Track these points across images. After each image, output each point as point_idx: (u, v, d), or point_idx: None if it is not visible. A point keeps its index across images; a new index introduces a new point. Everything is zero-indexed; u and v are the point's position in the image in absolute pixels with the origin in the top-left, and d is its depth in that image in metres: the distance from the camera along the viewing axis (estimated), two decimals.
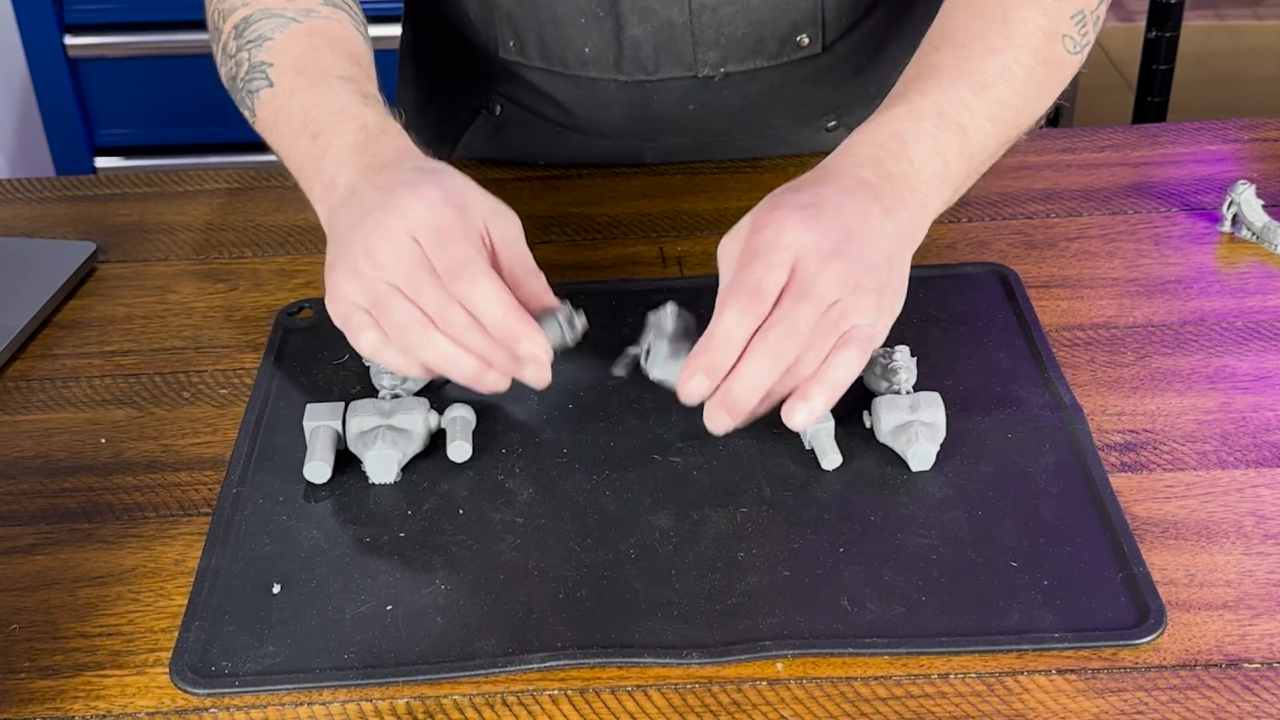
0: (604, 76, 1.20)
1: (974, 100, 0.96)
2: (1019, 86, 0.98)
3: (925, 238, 1.14)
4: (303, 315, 1.10)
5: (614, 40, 1.17)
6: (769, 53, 1.19)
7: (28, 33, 2.53)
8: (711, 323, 0.86)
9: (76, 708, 0.80)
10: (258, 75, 1.03)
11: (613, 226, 1.19)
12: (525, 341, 0.88)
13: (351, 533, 0.90)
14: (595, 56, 1.18)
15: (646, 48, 1.17)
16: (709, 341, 0.86)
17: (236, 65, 1.06)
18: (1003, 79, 0.98)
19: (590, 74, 1.20)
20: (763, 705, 0.78)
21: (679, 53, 1.18)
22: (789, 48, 1.20)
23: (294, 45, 1.03)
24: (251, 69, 1.04)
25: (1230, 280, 1.10)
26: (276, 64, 1.03)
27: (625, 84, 1.20)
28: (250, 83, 1.04)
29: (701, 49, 1.17)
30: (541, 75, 1.22)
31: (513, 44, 1.21)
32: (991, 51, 0.98)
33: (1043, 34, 1.00)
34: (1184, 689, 0.78)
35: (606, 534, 0.88)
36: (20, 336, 1.09)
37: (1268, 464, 0.92)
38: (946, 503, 0.89)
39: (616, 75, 1.19)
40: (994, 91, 0.97)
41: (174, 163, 2.63)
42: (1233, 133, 1.29)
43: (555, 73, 1.21)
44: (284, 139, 1.01)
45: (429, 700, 0.80)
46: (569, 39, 1.18)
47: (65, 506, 0.94)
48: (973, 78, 0.97)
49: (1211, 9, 2.53)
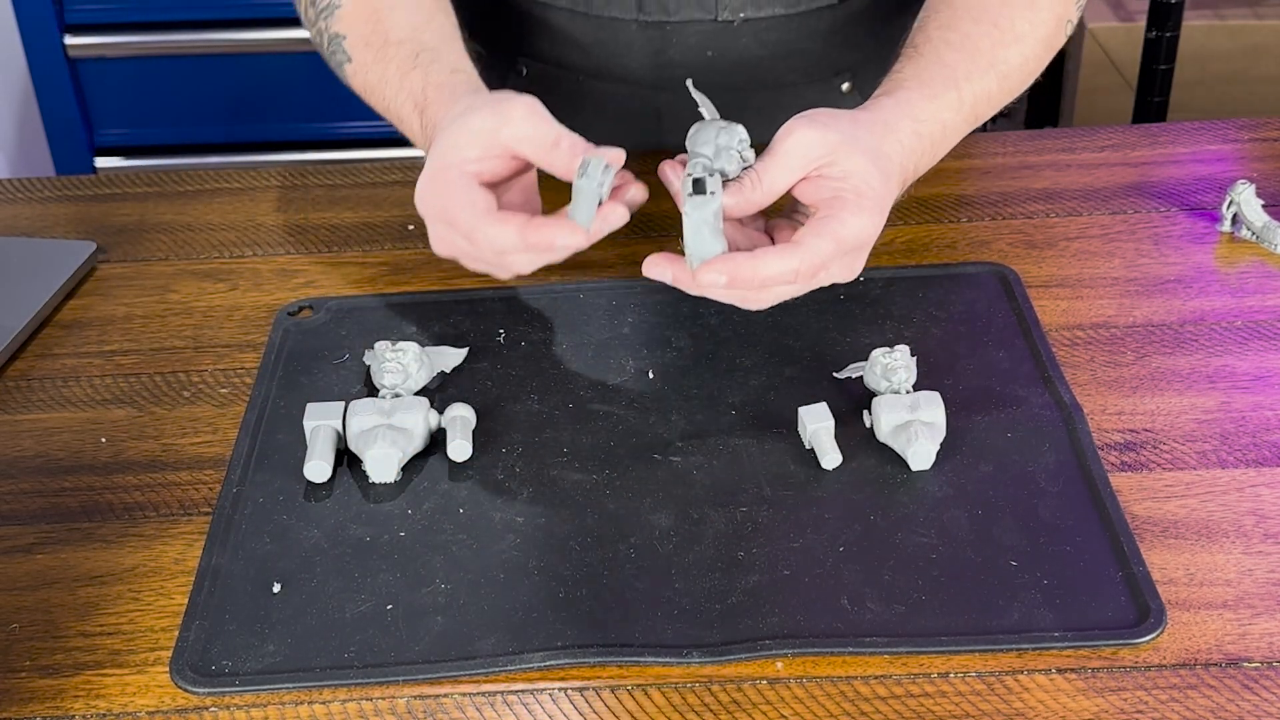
0: (625, 17, 1.22)
1: (996, 92, 1.03)
2: (1026, 75, 1.05)
3: (925, 237, 1.14)
4: (303, 315, 1.10)
5: None
6: (788, 0, 1.20)
7: (28, 33, 2.53)
8: (768, 258, 0.89)
9: (77, 707, 0.80)
10: (337, 49, 1.09)
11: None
12: (558, 242, 0.92)
13: (351, 533, 0.90)
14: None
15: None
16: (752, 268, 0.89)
17: (319, 35, 1.11)
18: (1019, 70, 1.04)
19: (612, 13, 1.22)
20: (763, 704, 0.78)
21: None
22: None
23: (360, 11, 1.08)
24: (330, 41, 1.09)
25: (1230, 280, 1.10)
26: (349, 36, 1.07)
27: (645, 25, 1.22)
28: (333, 56, 1.09)
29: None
30: (566, 17, 1.24)
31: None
32: (1017, 39, 1.03)
33: (1056, 20, 1.06)
34: (1184, 688, 0.78)
35: (606, 533, 0.88)
36: (20, 336, 1.09)
37: (1267, 464, 0.92)
38: (946, 502, 0.89)
39: (638, 15, 1.21)
40: (1009, 82, 1.03)
41: (174, 163, 2.63)
42: (1233, 133, 1.29)
43: (579, 13, 1.23)
44: (380, 112, 1.07)
45: (429, 699, 0.80)
46: None
47: (65, 506, 0.94)
48: (1000, 67, 1.02)
49: (1211, 9, 2.52)
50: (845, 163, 0.91)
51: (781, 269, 0.89)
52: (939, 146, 1.00)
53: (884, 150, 0.94)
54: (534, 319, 1.07)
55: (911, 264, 1.12)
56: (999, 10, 1.03)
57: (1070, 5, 1.07)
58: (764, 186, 0.91)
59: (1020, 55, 1.03)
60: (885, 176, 0.93)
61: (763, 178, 0.91)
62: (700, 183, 0.89)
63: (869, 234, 0.91)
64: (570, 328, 1.06)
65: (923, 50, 1.02)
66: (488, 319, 1.07)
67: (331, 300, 1.11)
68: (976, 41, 1.02)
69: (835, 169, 0.91)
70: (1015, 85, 1.04)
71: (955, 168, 1.24)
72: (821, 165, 0.91)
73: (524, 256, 0.94)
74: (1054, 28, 1.06)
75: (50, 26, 2.53)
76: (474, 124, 0.93)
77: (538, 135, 0.93)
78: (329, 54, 1.10)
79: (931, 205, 1.19)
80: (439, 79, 1.00)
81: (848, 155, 0.91)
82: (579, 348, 1.04)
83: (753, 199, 0.91)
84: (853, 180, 0.91)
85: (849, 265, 0.93)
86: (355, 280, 1.14)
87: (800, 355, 1.01)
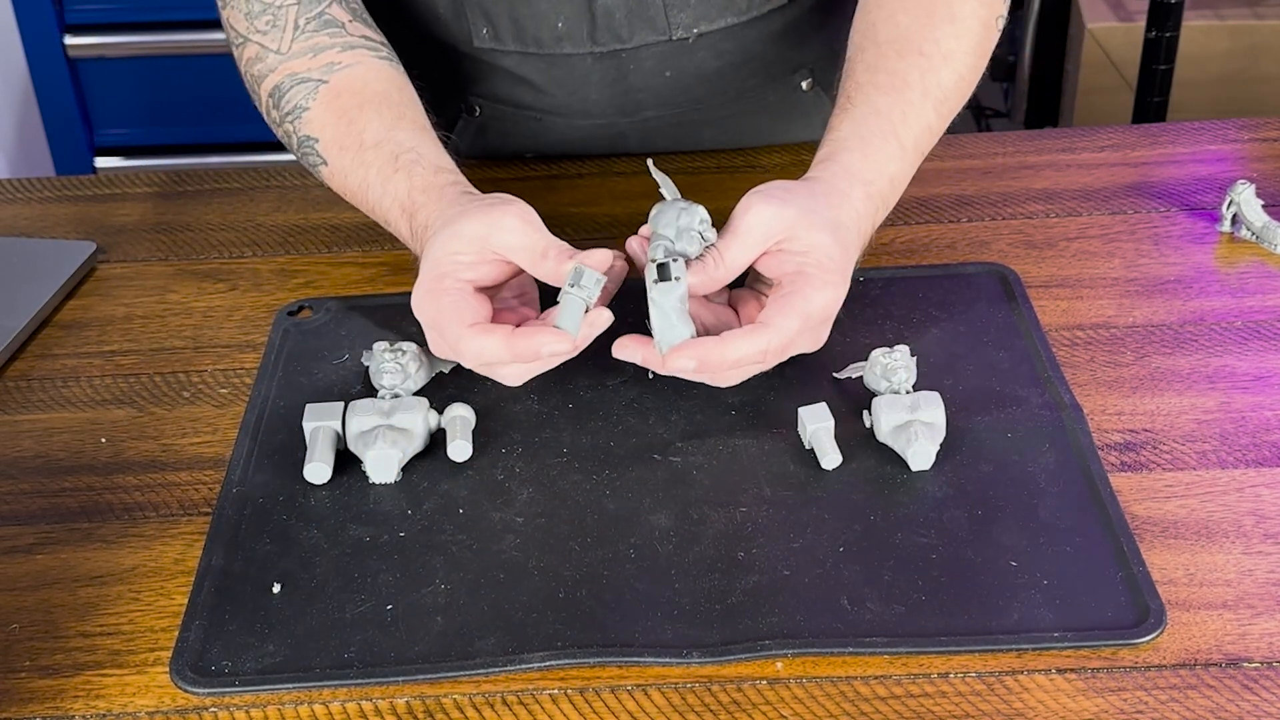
0: (579, 51, 1.21)
1: (935, 122, 1.03)
2: (963, 90, 1.05)
3: (925, 237, 1.14)
4: (303, 315, 1.10)
5: (586, 11, 1.18)
6: (739, 8, 1.21)
7: (28, 33, 2.53)
8: (736, 341, 0.91)
9: (77, 707, 0.80)
10: (309, 151, 1.08)
11: (613, 226, 1.20)
12: (544, 351, 0.92)
13: (351, 533, 0.90)
14: (569, 31, 1.19)
15: (619, 15, 1.18)
16: (720, 352, 0.91)
17: (286, 136, 1.10)
18: (954, 90, 1.04)
19: (565, 50, 1.21)
20: (763, 705, 0.78)
21: (651, 16, 1.19)
22: (758, 2, 1.20)
23: (328, 115, 1.06)
24: (301, 144, 1.08)
25: (1230, 280, 1.10)
26: (320, 139, 1.06)
27: (601, 56, 1.21)
28: (306, 157, 1.09)
29: (673, 10, 1.19)
30: (517, 60, 1.23)
31: (486, 31, 1.21)
32: (945, 59, 1.03)
33: (982, 25, 1.05)
34: (1184, 688, 0.78)
35: (606, 534, 0.88)
36: (20, 336, 1.09)
37: (1267, 464, 0.92)
38: (946, 502, 0.89)
39: (592, 48, 1.20)
40: (948, 105, 1.04)
41: (174, 163, 2.63)
42: (1233, 133, 1.29)
43: (530, 54, 1.22)
44: (366, 212, 1.07)
45: (429, 700, 0.80)
46: (542, 16, 1.19)
47: (65, 506, 0.94)
48: (934, 94, 1.02)
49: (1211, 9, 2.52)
50: (805, 237, 0.93)
51: (749, 350, 0.91)
52: (889, 199, 1.01)
53: (841, 220, 0.96)
54: None
55: (911, 264, 1.12)
56: (921, 36, 1.03)
57: (997, 2, 1.06)
58: (726, 263, 0.94)
59: (953, 74, 1.03)
60: (844, 247, 0.95)
61: (724, 255, 0.94)
62: (665, 268, 0.92)
63: (833, 306, 0.94)
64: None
65: (855, 100, 1.02)
66: None
67: (331, 300, 1.11)
68: (905, 77, 1.02)
69: (796, 244, 0.93)
70: (955, 104, 1.04)
71: (955, 168, 1.24)
72: (782, 240, 0.93)
73: (513, 368, 0.95)
74: (981, 33, 1.05)
75: (50, 26, 2.53)
76: (467, 230, 0.94)
77: (528, 244, 0.94)
78: (301, 155, 1.09)
79: (931, 205, 1.19)
80: (423, 182, 1.00)
81: (807, 230, 0.93)
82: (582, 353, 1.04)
83: (715, 276, 0.94)
84: (814, 255, 0.93)
85: (815, 337, 0.95)
86: (355, 280, 1.14)
87: (800, 355, 1.01)
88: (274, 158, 2.56)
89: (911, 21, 1.04)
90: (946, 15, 1.04)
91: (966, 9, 1.04)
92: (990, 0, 1.06)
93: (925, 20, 1.04)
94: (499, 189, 0.98)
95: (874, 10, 1.06)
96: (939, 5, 1.04)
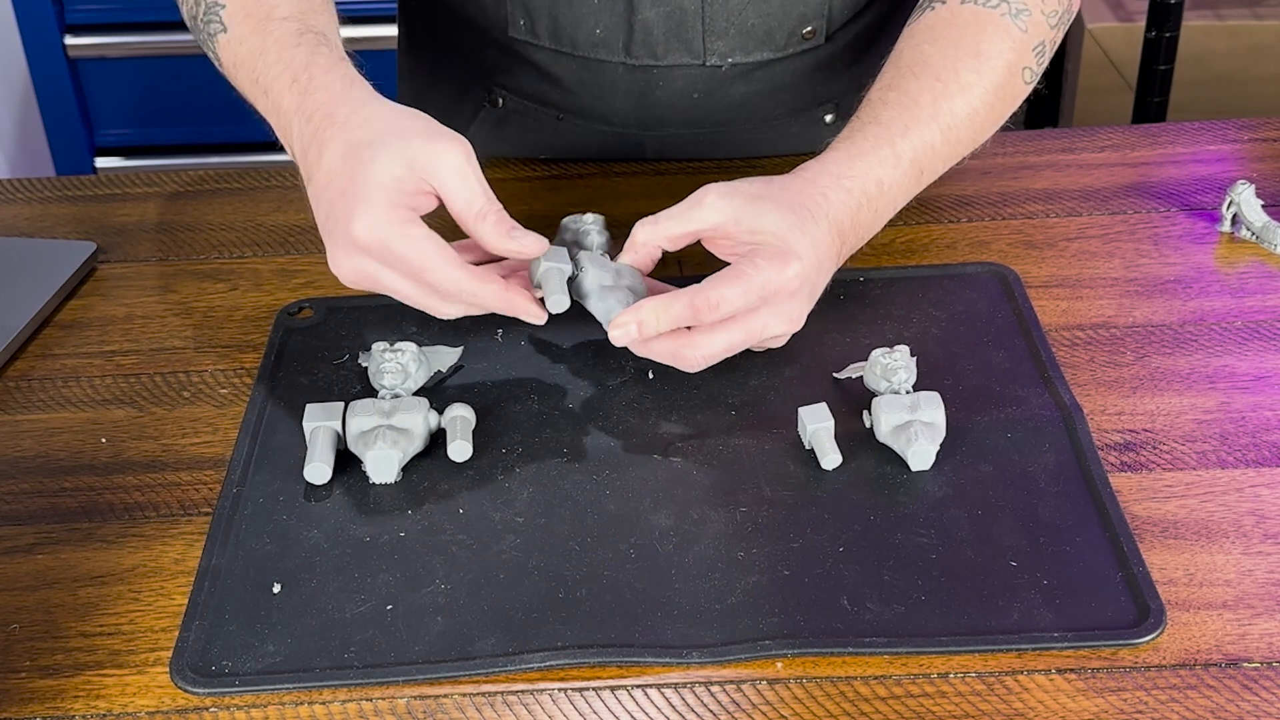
0: (612, 59, 1.21)
1: (940, 145, 1.02)
2: (977, 125, 1.04)
3: (925, 237, 1.14)
4: (303, 315, 1.10)
5: (625, 22, 1.18)
6: (776, 44, 1.21)
7: (28, 33, 2.53)
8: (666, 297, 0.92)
9: (77, 707, 0.80)
10: (213, 19, 1.04)
11: (613, 226, 1.19)
12: (525, 315, 0.94)
13: (351, 533, 0.90)
14: (605, 38, 1.19)
15: (657, 32, 1.18)
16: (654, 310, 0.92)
17: (195, 3, 1.06)
18: (967, 122, 1.03)
19: (599, 55, 1.21)
20: (762, 705, 0.79)
21: (688, 40, 1.19)
22: (795, 40, 1.20)
23: None
24: (206, 10, 1.04)
25: (1230, 280, 1.10)
26: (228, 6, 1.03)
27: (632, 68, 1.21)
28: (209, 25, 1.04)
29: (711, 38, 1.19)
30: (549, 56, 1.23)
31: (523, 23, 1.22)
32: (963, 89, 1.02)
33: (1007, 69, 1.04)
34: (1184, 688, 0.78)
35: (606, 534, 0.88)
36: (20, 336, 1.09)
37: (1267, 464, 0.92)
38: (946, 502, 0.89)
39: (625, 59, 1.20)
40: (956, 133, 1.02)
41: (174, 163, 2.63)
42: (1233, 133, 1.29)
43: (563, 53, 1.22)
44: (244, 90, 1.02)
45: (429, 700, 0.80)
46: (581, 19, 1.19)
47: (65, 506, 0.94)
48: (944, 118, 1.02)
49: (1211, 9, 2.52)
50: (752, 221, 0.93)
51: (680, 309, 0.91)
52: (877, 202, 0.99)
53: (801, 202, 0.96)
54: None
55: (911, 264, 1.12)
56: (942, 65, 1.03)
57: (1027, 53, 1.05)
58: (660, 227, 0.95)
59: (967, 106, 1.02)
60: (804, 226, 0.94)
61: (659, 220, 0.95)
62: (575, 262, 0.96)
63: (794, 281, 0.92)
64: (570, 328, 1.05)
65: (861, 114, 1.03)
66: (487, 319, 1.07)
67: (331, 300, 1.11)
68: (915, 97, 1.02)
69: (743, 226, 0.94)
70: (964, 135, 1.03)
71: (955, 168, 1.24)
72: (728, 226, 0.94)
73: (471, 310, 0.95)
74: (1005, 76, 1.04)
75: (50, 26, 2.53)
76: (412, 155, 0.90)
77: (469, 196, 0.92)
78: (201, 24, 1.04)
79: (931, 205, 1.19)
80: (327, 62, 0.97)
81: (755, 215, 0.94)
82: (579, 348, 1.04)
83: (641, 236, 0.96)
84: (764, 235, 0.93)
85: (785, 314, 0.94)
86: None
87: (800, 355, 1.01)
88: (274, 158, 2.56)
89: (936, 51, 1.04)
90: (972, 50, 1.03)
91: (994, 49, 1.03)
92: (1020, 47, 1.04)
93: (950, 52, 1.03)
94: (499, 189, 0.98)
95: (904, 40, 1.06)
96: (966, 40, 1.04)
